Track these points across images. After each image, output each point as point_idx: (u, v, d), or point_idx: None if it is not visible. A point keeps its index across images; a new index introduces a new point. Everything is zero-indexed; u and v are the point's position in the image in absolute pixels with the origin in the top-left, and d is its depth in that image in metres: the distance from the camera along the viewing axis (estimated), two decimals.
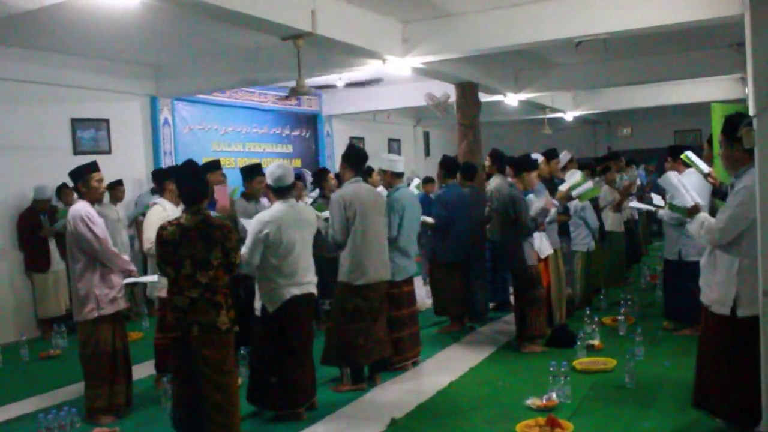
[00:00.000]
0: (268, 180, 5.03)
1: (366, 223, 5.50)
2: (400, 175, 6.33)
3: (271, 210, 4.93)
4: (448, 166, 7.78)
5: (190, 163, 4.50)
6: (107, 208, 8.82)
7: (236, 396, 4.37)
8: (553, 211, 6.79)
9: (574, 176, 7.42)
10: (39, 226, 8.20)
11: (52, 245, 8.30)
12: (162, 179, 6.02)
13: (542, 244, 6.71)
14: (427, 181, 10.32)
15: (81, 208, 5.03)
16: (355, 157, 5.80)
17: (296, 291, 4.90)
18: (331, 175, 8.35)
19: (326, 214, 6.25)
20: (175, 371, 4.36)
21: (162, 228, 4.23)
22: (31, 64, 8.48)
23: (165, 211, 5.73)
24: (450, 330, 7.50)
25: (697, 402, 4.39)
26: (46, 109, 8.77)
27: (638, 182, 10.80)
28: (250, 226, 4.94)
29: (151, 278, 5.47)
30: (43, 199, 8.25)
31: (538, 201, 6.55)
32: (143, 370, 6.22)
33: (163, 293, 5.65)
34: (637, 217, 11.01)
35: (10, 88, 8.33)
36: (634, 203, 6.44)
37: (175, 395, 4.37)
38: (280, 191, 4.99)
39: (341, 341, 5.52)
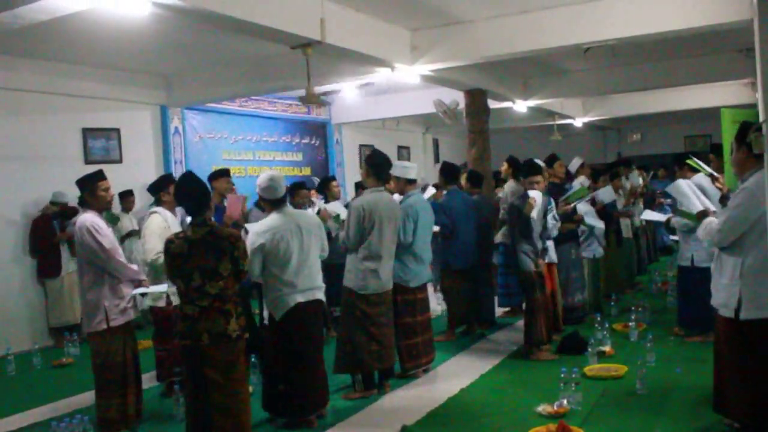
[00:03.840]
0: (260, 191, 4.99)
1: (381, 234, 5.52)
2: (412, 182, 6.32)
3: (266, 220, 4.92)
4: (448, 172, 7.76)
5: (188, 175, 4.49)
6: (122, 218, 8.93)
7: (246, 403, 4.37)
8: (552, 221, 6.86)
9: (575, 187, 7.49)
10: (52, 233, 8.26)
11: (64, 251, 8.36)
12: (158, 189, 6.02)
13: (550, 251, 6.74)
14: (434, 188, 10.19)
15: (88, 218, 4.97)
16: (380, 164, 5.70)
17: (301, 298, 4.90)
18: (335, 182, 8.36)
19: (336, 208, 6.26)
20: (185, 379, 4.36)
21: (169, 242, 4.23)
22: (43, 74, 8.56)
23: (165, 221, 5.74)
24: (447, 339, 7.44)
25: (716, 406, 4.38)
26: (57, 119, 8.85)
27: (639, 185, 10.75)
28: (248, 238, 4.91)
29: (161, 288, 5.46)
30: (59, 202, 8.31)
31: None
32: (153, 379, 6.23)
33: (161, 303, 5.69)
34: (645, 222, 10.99)
35: (22, 98, 8.41)
36: (647, 214, 6.43)
37: (186, 404, 4.37)
38: (273, 203, 4.98)
39: (354, 348, 5.52)
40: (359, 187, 8.42)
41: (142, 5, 5.19)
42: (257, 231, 4.83)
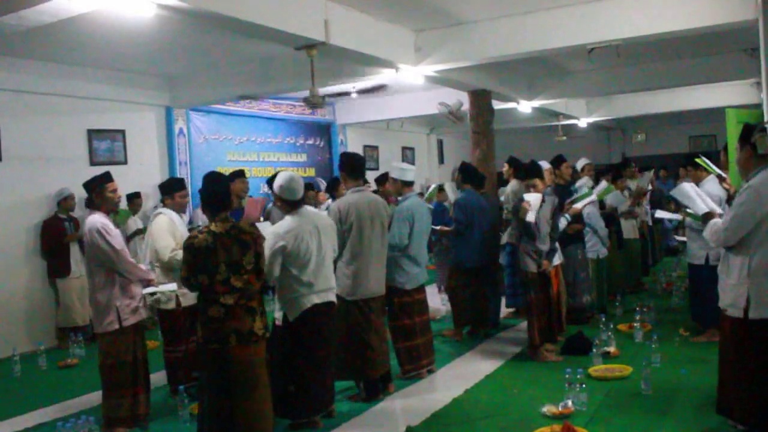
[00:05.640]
0: (279, 191, 4.95)
1: (363, 235, 5.43)
2: (409, 184, 6.29)
3: (286, 222, 4.89)
4: (467, 172, 7.76)
5: (212, 174, 4.54)
6: (129, 219, 8.98)
7: (270, 404, 4.37)
8: (563, 223, 6.84)
9: (582, 187, 7.49)
10: (63, 233, 8.31)
11: (74, 251, 8.38)
12: (165, 192, 6.04)
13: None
14: (440, 189, 10.03)
15: (97, 220, 5.01)
16: (351, 165, 5.67)
17: (316, 299, 4.89)
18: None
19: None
20: (206, 383, 4.31)
21: (192, 237, 4.19)
22: (48, 76, 8.59)
23: (171, 220, 5.77)
24: (454, 335, 7.46)
25: (720, 407, 4.37)
26: (62, 121, 8.87)
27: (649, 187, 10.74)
28: (267, 239, 4.92)
29: (170, 287, 5.48)
30: (65, 198, 8.34)
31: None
32: (160, 379, 6.24)
33: (171, 305, 5.70)
34: (651, 223, 10.97)
35: (27, 100, 8.43)
36: (659, 213, 6.41)
37: (205, 407, 4.26)
38: (291, 204, 4.96)
39: (350, 355, 5.49)
40: (330, 189, 8.47)
41: (146, 7, 5.20)
42: (278, 233, 4.80)
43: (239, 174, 6.79)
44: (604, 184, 8.23)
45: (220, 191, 4.36)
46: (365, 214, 5.46)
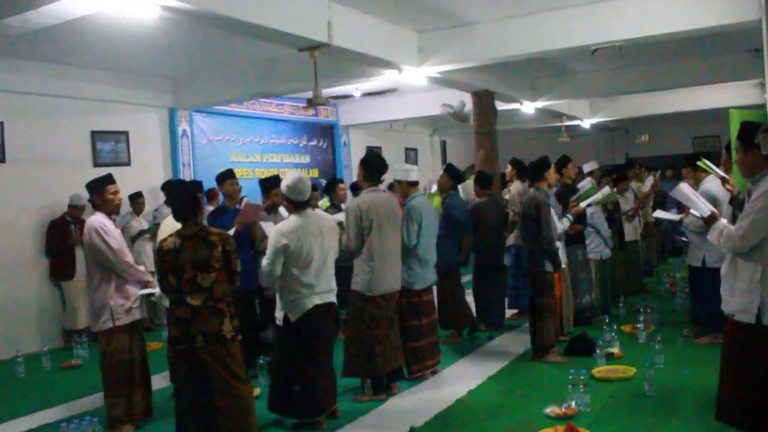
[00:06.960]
0: (286, 191, 4.94)
1: (381, 233, 5.48)
2: (414, 184, 6.30)
3: (289, 222, 4.90)
4: (456, 175, 7.68)
5: (177, 183, 4.62)
6: (134, 220, 8.99)
7: (250, 403, 4.39)
8: (565, 223, 6.82)
9: (585, 186, 7.45)
10: (69, 235, 8.33)
11: (79, 254, 8.38)
12: None
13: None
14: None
15: (96, 219, 5.09)
16: (374, 165, 5.72)
17: (318, 300, 4.90)
18: (342, 185, 8.34)
19: (340, 216, 6.22)
20: (184, 383, 4.34)
21: (162, 241, 4.31)
22: (52, 77, 8.60)
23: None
24: (453, 340, 7.43)
25: (720, 413, 4.33)
26: (66, 122, 8.89)
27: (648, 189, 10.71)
28: (269, 237, 4.94)
29: None
30: (77, 206, 8.35)
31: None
32: (163, 380, 6.25)
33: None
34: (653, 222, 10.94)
35: (31, 102, 8.46)
36: (659, 213, 6.40)
37: (181, 407, 4.34)
38: (297, 205, 4.96)
39: (360, 351, 5.51)
40: (355, 189, 8.44)
41: (150, 8, 5.22)
42: (281, 231, 4.81)
43: (228, 175, 6.64)
44: (606, 189, 8.14)
45: (184, 202, 4.40)
46: (383, 213, 5.52)
